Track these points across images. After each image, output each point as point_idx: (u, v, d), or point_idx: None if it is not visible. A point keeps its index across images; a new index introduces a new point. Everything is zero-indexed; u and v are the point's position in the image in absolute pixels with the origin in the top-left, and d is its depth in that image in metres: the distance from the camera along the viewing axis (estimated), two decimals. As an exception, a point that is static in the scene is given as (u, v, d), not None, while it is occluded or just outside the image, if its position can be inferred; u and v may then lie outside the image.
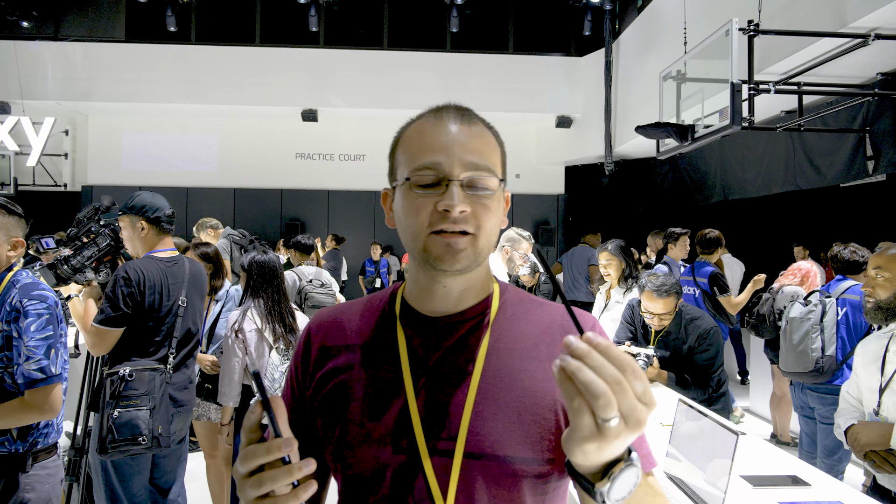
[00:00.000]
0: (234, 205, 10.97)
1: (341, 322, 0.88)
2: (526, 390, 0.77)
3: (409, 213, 0.77)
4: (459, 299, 0.82)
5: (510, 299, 0.87)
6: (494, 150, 0.82)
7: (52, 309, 1.71)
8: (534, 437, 0.75)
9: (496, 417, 0.76)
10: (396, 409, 0.77)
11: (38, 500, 1.72)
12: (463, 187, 0.76)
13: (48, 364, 1.66)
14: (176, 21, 9.74)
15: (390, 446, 0.76)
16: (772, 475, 1.93)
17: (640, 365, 2.93)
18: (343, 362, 0.83)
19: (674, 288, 2.84)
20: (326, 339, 0.87)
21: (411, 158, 0.79)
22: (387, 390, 0.79)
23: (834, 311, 3.25)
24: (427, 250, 0.77)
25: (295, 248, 4.51)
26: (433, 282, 0.80)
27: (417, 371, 0.79)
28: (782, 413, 4.63)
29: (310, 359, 0.86)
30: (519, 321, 0.84)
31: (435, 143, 0.78)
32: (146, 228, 2.45)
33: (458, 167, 0.76)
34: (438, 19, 10.61)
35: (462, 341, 0.81)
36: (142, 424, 2.20)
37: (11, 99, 9.52)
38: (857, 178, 5.67)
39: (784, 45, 4.99)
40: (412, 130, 0.82)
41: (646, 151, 9.15)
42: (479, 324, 0.82)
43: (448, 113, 0.82)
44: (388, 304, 0.87)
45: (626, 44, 9.14)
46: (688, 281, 4.49)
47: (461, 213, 0.75)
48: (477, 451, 0.74)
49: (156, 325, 2.39)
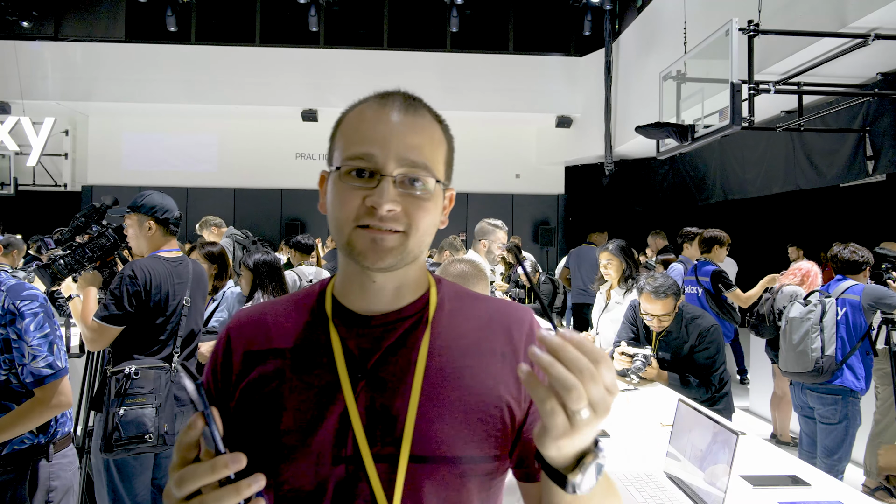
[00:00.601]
0: (234, 205, 10.97)
1: (266, 323, 0.80)
2: (470, 388, 0.75)
3: (337, 204, 0.73)
4: (395, 297, 0.77)
5: (447, 294, 0.83)
6: (438, 147, 0.76)
7: (45, 306, 1.74)
8: (480, 436, 0.73)
9: (442, 418, 0.73)
10: (335, 416, 0.72)
11: (63, 488, 1.77)
12: (396, 184, 0.71)
13: (54, 359, 1.69)
14: (176, 21, 9.75)
15: (331, 456, 0.71)
16: (772, 475, 1.94)
17: (638, 365, 2.92)
18: (272, 369, 0.76)
19: (672, 289, 2.83)
20: (251, 344, 0.78)
21: (346, 146, 0.73)
22: (323, 397, 0.73)
23: (833, 311, 3.25)
24: (351, 244, 0.72)
25: (295, 248, 4.51)
26: (364, 277, 0.75)
27: (355, 374, 0.74)
28: (782, 413, 4.63)
29: (232, 367, 0.78)
30: (458, 317, 0.80)
31: (372, 133, 0.72)
32: (154, 229, 2.46)
33: (393, 162, 0.71)
34: (438, 19, 10.61)
35: (401, 341, 0.76)
36: (148, 422, 2.21)
37: (11, 99, 9.52)
38: (857, 178, 5.68)
39: (784, 45, 5.00)
40: (353, 115, 0.76)
41: (646, 151, 9.15)
42: (417, 322, 0.78)
43: (394, 101, 0.75)
44: (318, 303, 0.81)
45: (626, 44, 9.14)
46: (690, 280, 4.49)
47: (389, 211, 0.70)
48: (423, 455, 0.71)
49: (161, 324, 2.39)
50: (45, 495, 1.72)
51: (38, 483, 1.71)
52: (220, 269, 3.28)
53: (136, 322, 2.34)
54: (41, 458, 1.73)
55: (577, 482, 0.60)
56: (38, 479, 1.72)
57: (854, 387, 3.17)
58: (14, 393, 1.70)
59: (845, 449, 3.19)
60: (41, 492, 1.71)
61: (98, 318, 2.27)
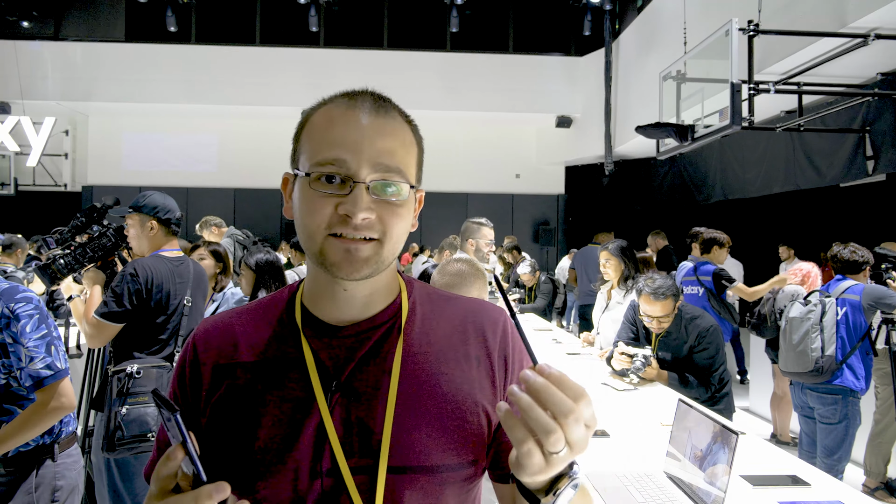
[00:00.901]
0: (234, 205, 10.98)
1: (234, 334, 0.77)
2: (446, 395, 0.73)
3: (306, 212, 0.69)
4: (366, 305, 0.75)
5: (419, 297, 0.81)
6: (410, 150, 0.73)
7: (40, 307, 1.72)
8: (458, 443, 0.72)
9: (419, 427, 0.71)
10: (311, 430, 0.70)
11: (68, 487, 1.77)
12: (369, 191, 0.68)
13: (53, 360, 1.68)
14: (176, 21, 9.76)
15: (308, 471, 0.69)
16: (772, 475, 1.94)
17: (637, 365, 2.91)
18: (242, 383, 0.73)
19: (671, 290, 2.83)
20: (219, 357, 0.76)
21: (315, 150, 0.70)
22: (298, 411, 0.71)
23: (833, 311, 3.25)
24: (323, 254, 0.69)
25: (295, 248, 4.52)
26: (334, 285, 0.73)
27: (329, 387, 0.72)
28: (783, 413, 4.64)
29: (201, 381, 0.75)
30: (431, 321, 0.79)
31: (343, 137, 0.69)
32: (156, 229, 2.46)
33: (366, 168, 0.68)
34: (438, 19, 10.61)
35: (375, 350, 0.74)
36: (151, 421, 2.21)
37: (11, 99, 9.53)
38: (857, 178, 5.68)
39: (784, 45, 5.00)
40: (320, 115, 0.73)
41: (646, 151, 9.16)
42: (390, 329, 0.76)
43: (363, 101, 0.72)
44: (287, 312, 0.78)
45: (626, 44, 9.14)
46: (691, 281, 4.48)
47: (364, 220, 0.67)
48: (402, 465, 0.70)
49: (163, 323, 2.40)
50: (50, 495, 1.72)
51: (43, 483, 1.71)
52: (223, 267, 3.29)
53: (137, 321, 2.34)
54: (46, 458, 1.73)
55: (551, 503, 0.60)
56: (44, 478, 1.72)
57: (854, 387, 3.17)
58: (15, 396, 1.69)
59: (845, 449, 3.19)
60: (46, 491, 1.72)
61: (98, 314, 2.28)
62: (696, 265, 4.46)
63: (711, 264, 4.38)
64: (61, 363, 1.70)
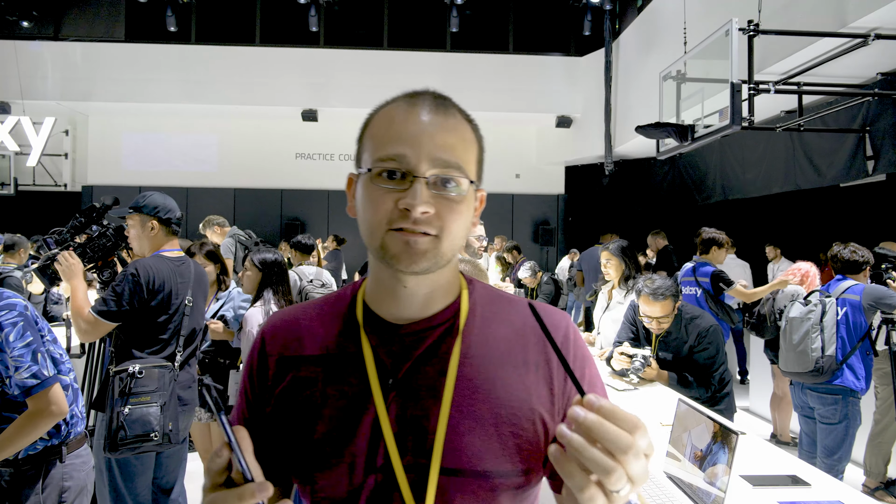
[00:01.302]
0: (234, 205, 10.97)
1: (300, 329, 0.80)
2: (501, 400, 0.73)
3: (368, 207, 0.71)
4: (425, 304, 0.76)
5: (479, 299, 0.81)
6: (470, 147, 0.76)
7: (24, 314, 1.69)
8: (512, 450, 0.72)
9: (473, 431, 0.71)
10: (367, 426, 0.72)
11: (76, 488, 1.77)
12: (429, 185, 0.69)
13: (39, 368, 1.65)
14: (176, 21, 9.75)
15: (363, 466, 0.71)
16: (772, 475, 1.94)
17: (637, 365, 2.91)
18: (305, 376, 0.76)
19: (670, 290, 2.83)
20: (285, 349, 0.79)
21: (376, 147, 0.72)
22: (355, 406, 0.73)
23: (834, 311, 3.25)
24: (384, 248, 0.70)
25: (295, 247, 4.52)
26: (395, 282, 0.74)
27: (386, 384, 0.74)
28: (783, 413, 4.64)
29: (267, 372, 0.79)
30: (490, 324, 0.79)
31: (403, 133, 0.70)
32: (156, 228, 2.47)
33: (426, 163, 0.69)
34: (438, 19, 10.61)
35: (432, 350, 0.75)
36: (153, 421, 2.21)
37: (11, 99, 9.52)
38: (857, 178, 5.68)
39: (784, 45, 5.00)
40: (382, 115, 0.75)
41: (646, 151, 9.16)
42: (448, 330, 0.76)
43: (423, 100, 0.74)
44: (350, 309, 0.80)
45: (626, 44, 9.14)
46: (689, 281, 4.47)
47: (423, 213, 0.68)
48: (454, 467, 0.70)
49: (164, 323, 2.40)
50: (58, 496, 1.72)
51: (51, 483, 1.72)
52: (222, 267, 3.29)
53: (139, 321, 2.35)
54: (55, 459, 1.73)
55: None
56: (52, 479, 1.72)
57: (854, 387, 3.18)
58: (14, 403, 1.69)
59: (845, 449, 3.19)
60: (54, 492, 1.72)
61: (95, 311, 2.28)
62: (695, 266, 4.46)
63: (710, 265, 4.37)
64: (48, 370, 1.67)
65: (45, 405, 1.65)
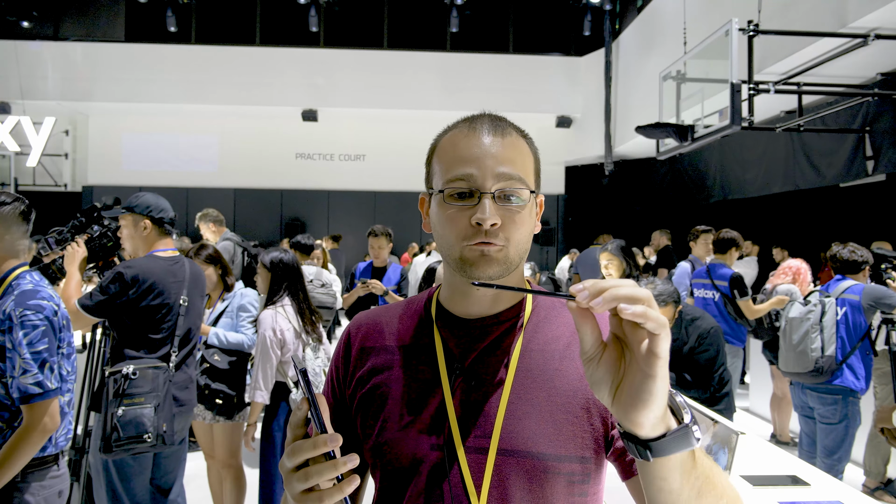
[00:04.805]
0: (234, 205, 10.97)
1: (380, 324, 0.92)
2: (558, 389, 0.81)
3: (445, 225, 0.81)
4: (493, 302, 0.85)
5: (542, 303, 0.90)
6: (528, 159, 0.85)
7: (50, 319, 1.64)
8: (566, 435, 0.79)
9: (529, 416, 0.79)
10: (433, 407, 0.81)
11: None
12: (495, 199, 0.79)
13: (44, 378, 1.61)
14: (176, 21, 9.76)
15: (427, 442, 0.80)
16: (772, 475, 1.94)
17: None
18: (382, 362, 0.87)
19: (671, 297, 2.81)
20: (366, 341, 0.91)
21: (445, 170, 0.82)
22: (424, 389, 0.83)
23: (833, 311, 3.25)
24: (463, 259, 0.80)
25: (295, 247, 4.51)
26: (466, 285, 0.83)
27: (453, 371, 0.83)
28: (782, 413, 4.63)
29: (350, 358, 0.91)
30: (551, 323, 0.87)
31: (467, 155, 0.80)
32: (149, 228, 2.46)
33: (491, 179, 0.79)
34: (438, 19, 10.62)
35: (496, 343, 0.84)
36: (147, 422, 2.20)
37: (11, 99, 9.53)
38: (857, 178, 5.68)
39: (784, 45, 5.00)
40: (446, 141, 0.85)
41: (646, 151, 9.16)
42: (512, 326, 0.85)
43: (482, 123, 0.84)
44: (426, 308, 0.91)
45: (626, 44, 9.14)
46: (705, 284, 4.30)
47: (493, 225, 0.78)
48: (510, 448, 0.78)
49: (157, 323, 2.39)
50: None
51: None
52: (223, 268, 3.25)
53: (128, 320, 2.33)
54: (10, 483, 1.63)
55: (660, 445, 0.60)
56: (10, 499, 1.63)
57: (854, 387, 3.17)
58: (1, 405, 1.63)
59: (845, 449, 3.19)
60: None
61: (79, 304, 2.28)
62: (709, 267, 4.28)
63: (726, 267, 4.20)
64: (52, 383, 1.63)
65: (40, 417, 1.60)
